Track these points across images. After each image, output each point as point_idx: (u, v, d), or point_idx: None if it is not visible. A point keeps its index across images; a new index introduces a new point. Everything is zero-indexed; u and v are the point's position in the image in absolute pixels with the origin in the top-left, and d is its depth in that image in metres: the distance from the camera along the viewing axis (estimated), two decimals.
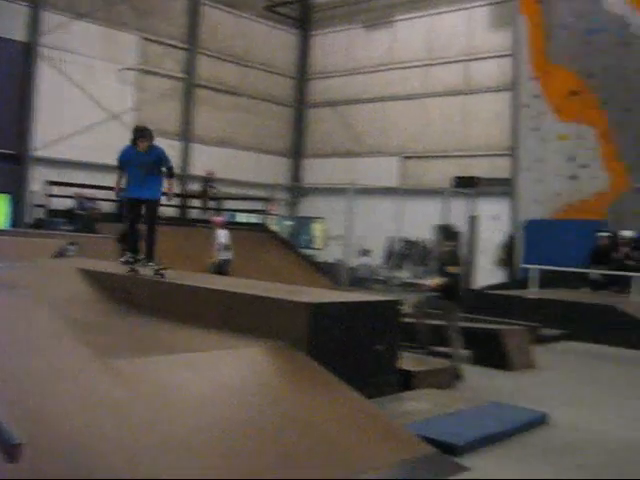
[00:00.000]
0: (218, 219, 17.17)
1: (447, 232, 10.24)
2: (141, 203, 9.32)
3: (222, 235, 16.22)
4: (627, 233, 16.75)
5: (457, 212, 23.56)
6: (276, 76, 29.68)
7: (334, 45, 29.67)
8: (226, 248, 16.15)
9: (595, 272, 16.53)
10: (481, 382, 9.48)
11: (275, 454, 5.15)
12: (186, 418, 5.24)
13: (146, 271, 9.18)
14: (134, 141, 9.26)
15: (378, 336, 7.89)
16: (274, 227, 24.30)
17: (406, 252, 25.14)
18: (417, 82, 26.86)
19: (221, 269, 15.62)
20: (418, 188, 25.16)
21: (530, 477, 5.78)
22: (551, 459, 6.31)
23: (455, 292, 9.71)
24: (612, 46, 21.28)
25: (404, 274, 25.05)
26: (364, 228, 24.78)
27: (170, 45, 25.97)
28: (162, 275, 8.95)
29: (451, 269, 9.68)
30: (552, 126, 22.20)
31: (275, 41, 29.62)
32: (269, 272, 17.56)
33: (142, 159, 9.19)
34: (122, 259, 9.56)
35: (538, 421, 7.45)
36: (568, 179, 21.84)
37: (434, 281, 9.83)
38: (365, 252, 24.79)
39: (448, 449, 6.14)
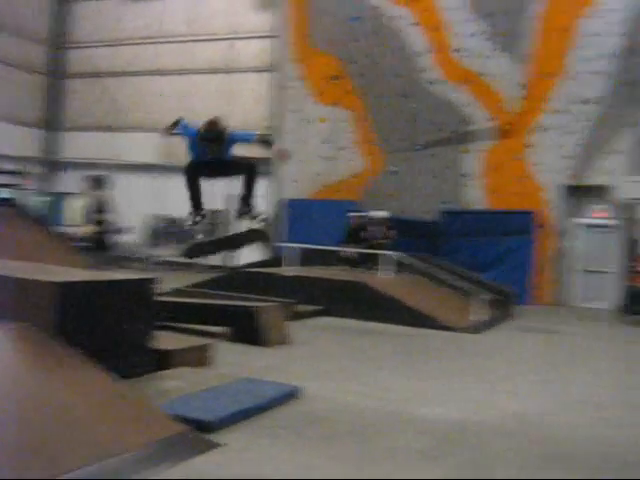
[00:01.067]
0: None
1: (96, 181, 10.18)
2: None
3: None
4: (381, 213, 17.70)
5: (218, 190, 23.65)
6: (30, 43, 27.92)
7: (100, 14, 28.41)
8: None
9: (348, 250, 17.32)
10: (237, 359, 9.59)
11: (17, 437, 4.86)
12: None
13: None
14: None
15: (132, 315, 7.71)
16: (28, 203, 22.92)
17: (167, 230, 24.83)
18: (182, 57, 26.48)
19: None
20: (180, 165, 24.78)
21: (281, 449, 5.93)
22: (301, 431, 6.52)
23: (104, 241, 9.60)
24: (369, 34, 22.34)
25: (165, 252, 24.77)
26: (124, 205, 24.10)
27: None
28: None
29: (99, 217, 9.56)
30: (312, 109, 22.92)
31: (29, 5, 27.83)
32: (16, 250, 16.51)
33: None
34: None
35: (291, 395, 7.66)
36: (327, 160, 22.70)
37: (83, 230, 9.62)
38: (125, 230, 24.10)
39: (201, 426, 6.14)
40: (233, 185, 10.75)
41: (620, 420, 7.80)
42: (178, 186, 23.54)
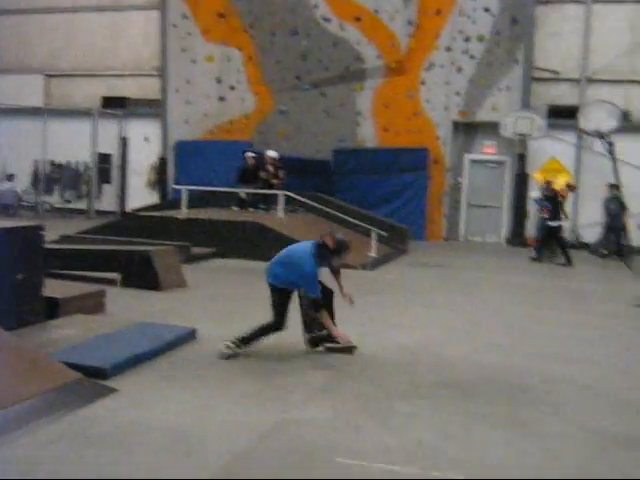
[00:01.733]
0: None
1: None
2: None
3: None
4: (272, 153, 17.56)
5: (107, 134, 23.00)
6: None
7: None
8: None
9: (243, 191, 17.18)
10: (132, 304, 9.46)
11: None
12: None
13: None
14: None
15: (20, 264, 7.46)
16: None
17: (55, 176, 23.99)
18: None
19: None
20: (64, 108, 23.91)
21: (178, 391, 5.91)
22: (198, 371, 6.52)
23: None
24: None
25: (53, 199, 23.99)
26: (7, 151, 23.20)
27: None
28: None
29: None
30: (200, 47, 22.37)
31: None
32: None
33: None
34: None
35: (187, 337, 7.63)
36: (216, 100, 22.29)
37: None
38: (9, 177, 23.16)
39: (96, 373, 6.04)
40: None
41: (507, 346, 8.15)
42: (65, 130, 22.87)
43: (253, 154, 17.78)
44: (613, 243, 18.15)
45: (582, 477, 4.59)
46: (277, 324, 7.18)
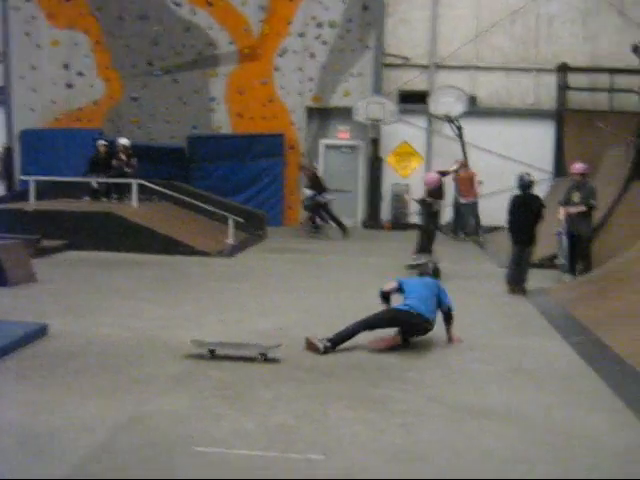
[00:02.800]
0: None
1: None
2: None
3: None
4: (123, 141, 17.06)
5: None
6: None
7: None
8: None
9: (94, 180, 16.62)
10: None
11: None
12: None
13: None
14: None
15: None
16: None
17: None
18: None
19: None
20: None
21: (28, 390, 5.66)
22: (50, 368, 6.27)
23: None
24: None
25: None
26: None
27: None
28: None
29: None
30: (45, 32, 21.36)
31: None
32: None
33: None
34: None
35: (38, 333, 7.31)
36: (64, 87, 21.38)
37: None
38: None
39: None
40: None
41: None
42: None
43: (104, 142, 17.23)
44: (466, 225, 18.83)
45: (436, 449, 4.73)
46: None
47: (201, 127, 21.13)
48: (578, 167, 11.63)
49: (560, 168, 19.41)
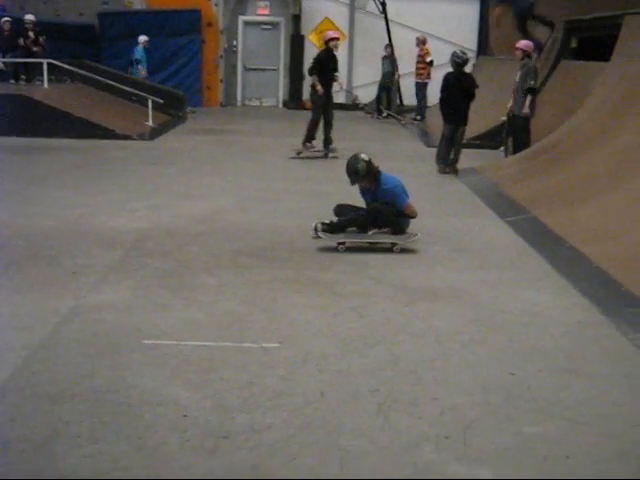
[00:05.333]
0: None
1: None
2: None
3: None
4: (30, 17, 15.88)
5: None
6: None
7: None
8: None
9: (0, 61, 15.53)
10: None
11: None
12: None
13: None
14: None
15: None
16: None
17: None
18: None
19: None
20: None
21: None
22: None
23: None
24: None
25: None
26: None
27: None
28: None
29: None
30: None
31: None
32: None
33: None
34: None
35: None
36: None
37: None
38: None
39: None
40: None
41: (300, 209, 8.11)
42: None
43: (9, 19, 16.01)
44: (386, 101, 18.59)
45: (392, 332, 4.65)
46: None
47: (112, 3, 19.91)
48: (518, 43, 10.99)
49: (484, 47, 19.23)
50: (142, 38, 17.73)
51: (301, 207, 8.26)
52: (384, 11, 18.92)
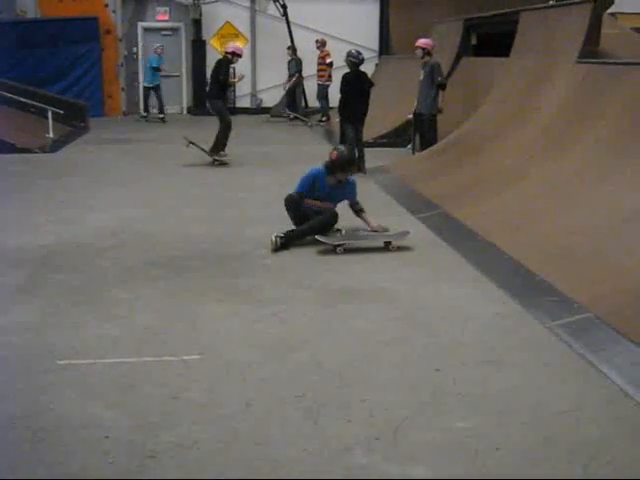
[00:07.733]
0: None
1: None
2: None
3: None
4: None
5: None
6: None
7: None
8: None
9: None
10: None
11: None
12: None
13: None
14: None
15: None
16: None
17: None
18: None
19: None
20: None
21: None
22: None
23: None
24: None
25: None
26: None
27: None
28: None
29: None
30: None
31: None
32: None
33: None
34: None
35: None
36: None
37: None
38: None
39: None
40: None
41: (209, 217, 7.98)
42: None
43: None
44: (292, 105, 18.57)
45: (314, 335, 4.60)
46: None
47: (3, 11, 19.18)
48: (418, 42, 11.06)
49: (386, 46, 19.44)
50: (155, 45, 18.50)
51: (212, 214, 8.13)
52: (285, 14, 18.89)
